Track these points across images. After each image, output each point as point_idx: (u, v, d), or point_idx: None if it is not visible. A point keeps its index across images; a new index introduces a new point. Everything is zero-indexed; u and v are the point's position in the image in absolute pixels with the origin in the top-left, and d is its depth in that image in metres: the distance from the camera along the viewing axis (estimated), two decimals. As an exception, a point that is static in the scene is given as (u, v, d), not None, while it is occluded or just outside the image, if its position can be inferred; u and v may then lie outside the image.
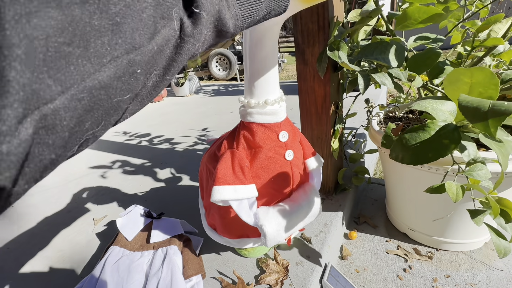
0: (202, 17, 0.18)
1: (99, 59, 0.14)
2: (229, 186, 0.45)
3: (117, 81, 0.15)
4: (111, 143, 1.78)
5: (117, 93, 0.15)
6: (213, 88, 3.71)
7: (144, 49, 0.16)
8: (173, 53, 0.18)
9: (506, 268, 0.64)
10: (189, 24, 0.18)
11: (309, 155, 0.56)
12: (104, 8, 0.14)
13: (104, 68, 0.14)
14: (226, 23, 0.21)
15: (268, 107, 0.46)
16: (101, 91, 0.14)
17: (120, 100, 0.16)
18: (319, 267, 0.62)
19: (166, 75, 0.18)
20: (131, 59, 0.15)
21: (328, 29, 0.63)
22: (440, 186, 0.40)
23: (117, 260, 0.60)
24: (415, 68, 0.60)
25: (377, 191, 0.98)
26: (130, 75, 0.16)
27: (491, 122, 0.26)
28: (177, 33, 0.18)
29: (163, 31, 0.17)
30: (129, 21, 0.15)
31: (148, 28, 0.16)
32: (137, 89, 0.17)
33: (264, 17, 0.26)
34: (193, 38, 0.19)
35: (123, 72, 0.15)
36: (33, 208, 1.07)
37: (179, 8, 0.17)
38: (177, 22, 0.17)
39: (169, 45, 0.17)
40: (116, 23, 0.14)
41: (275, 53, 0.43)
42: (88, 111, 0.14)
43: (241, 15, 0.22)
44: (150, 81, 0.18)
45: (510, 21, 0.55)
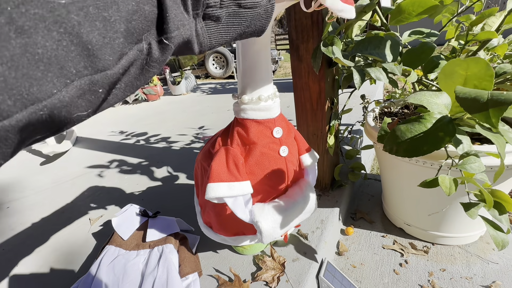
0: (170, 48, 0.19)
1: (63, 81, 0.14)
2: (223, 183, 0.45)
3: (78, 99, 0.16)
4: (107, 143, 1.77)
5: (78, 109, 0.16)
6: (210, 86, 3.69)
7: (109, 72, 0.16)
8: (138, 74, 0.19)
9: (501, 261, 0.64)
10: (157, 51, 0.19)
11: (303, 151, 0.55)
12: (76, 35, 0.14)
13: (67, 88, 0.15)
14: (192, 48, 0.21)
15: (262, 103, 0.45)
16: (62, 109, 0.15)
17: (78, 115, 0.16)
18: (316, 263, 0.62)
19: (127, 91, 0.19)
20: (95, 80, 0.16)
21: (322, 25, 0.62)
22: (433, 180, 0.40)
23: (113, 259, 0.60)
24: (409, 63, 0.59)
25: (374, 187, 0.98)
26: (92, 93, 0.16)
27: (492, 112, 0.26)
28: (144, 56, 0.18)
29: (130, 53, 0.17)
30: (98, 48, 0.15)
31: (116, 53, 0.16)
32: (96, 104, 0.17)
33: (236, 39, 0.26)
34: (159, 63, 0.19)
35: (85, 92, 0.16)
36: (28, 209, 1.06)
37: (150, 33, 0.18)
38: (145, 45, 0.18)
39: (134, 66, 0.18)
40: (86, 49, 0.15)
41: (268, 48, 0.43)
42: (44, 125, 0.15)
43: (209, 42, 0.22)
44: (111, 95, 0.18)
45: (504, 14, 0.54)
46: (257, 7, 0.23)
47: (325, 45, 0.60)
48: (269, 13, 0.25)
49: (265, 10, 0.25)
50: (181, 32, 0.19)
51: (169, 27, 0.18)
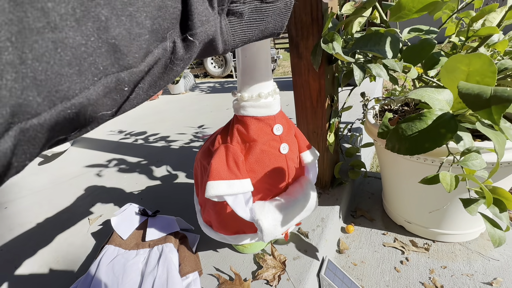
0: (195, 45, 0.19)
1: (91, 78, 0.14)
2: (223, 181, 0.44)
3: (104, 97, 0.15)
4: (106, 142, 1.76)
5: (103, 108, 0.16)
6: (209, 85, 3.68)
7: (135, 69, 0.16)
8: (162, 72, 0.18)
9: (502, 257, 0.64)
10: (181, 49, 0.18)
11: (304, 149, 0.55)
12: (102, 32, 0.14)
13: (94, 86, 0.14)
14: (217, 47, 0.21)
15: (262, 100, 0.45)
16: (88, 107, 0.15)
17: (103, 114, 0.16)
18: (317, 261, 0.62)
19: (150, 90, 0.19)
20: (121, 78, 0.16)
21: (322, 21, 0.62)
22: (434, 177, 0.39)
23: (112, 259, 0.59)
24: (410, 59, 0.59)
25: (374, 185, 0.98)
26: (118, 91, 0.16)
27: (494, 109, 0.25)
28: (168, 54, 0.18)
29: (155, 51, 0.17)
30: (125, 44, 0.15)
31: (142, 50, 0.16)
32: (120, 103, 0.17)
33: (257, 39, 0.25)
34: (183, 62, 0.19)
35: (111, 89, 0.15)
36: (26, 210, 1.05)
37: (175, 31, 0.18)
38: (170, 44, 0.18)
39: (159, 65, 0.18)
40: (113, 45, 0.14)
41: (267, 45, 0.42)
42: (70, 124, 0.15)
43: (233, 40, 0.22)
44: (134, 95, 0.18)
45: (505, 10, 0.54)
46: (278, 1, 0.23)
47: (325, 42, 0.60)
48: (288, 7, 0.25)
49: (285, 4, 0.25)
50: (206, 29, 0.19)
51: (194, 23, 0.18)
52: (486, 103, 0.26)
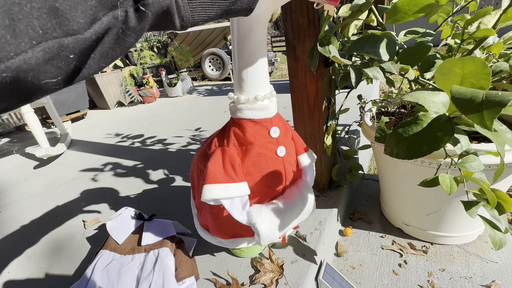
0: (148, 16, 0.18)
1: (29, 41, 0.13)
2: (220, 184, 0.44)
3: (46, 64, 0.15)
4: (103, 145, 1.75)
5: (46, 75, 0.15)
6: (206, 88, 3.68)
7: (80, 36, 0.15)
8: (113, 43, 0.18)
9: (500, 260, 0.64)
10: (134, 19, 0.18)
11: (301, 151, 0.55)
12: None
13: (33, 49, 0.14)
14: (173, 22, 0.20)
15: (259, 102, 0.44)
16: (28, 72, 0.14)
17: (47, 82, 0.15)
18: (315, 265, 0.61)
19: (102, 61, 0.18)
20: (64, 44, 0.15)
21: (319, 24, 0.62)
22: (433, 179, 0.39)
23: (107, 264, 0.58)
24: (406, 62, 0.59)
25: (372, 187, 0.98)
26: (62, 59, 0.15)
27: (486, 114, 0.25)
28: (119, 24, 0.17)
29: (104, 19, 0.16)
30: (68, 7, 0.14)
31: (88, 16, 0.15)
32: (67, 72, 0.16)
33: (221, 17, 0.24)
34: (135, 33, 0.18)
35: (53, 56, 0.15)
36: (20, 214, 1.04)
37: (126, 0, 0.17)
38: (121, 12, 0.17)
39: (109, 35, 0.17)
40: (53, 7, 0.14)
41: (264, 46, 0.42)
42: (10, 90, 0.14)
43: (191, 17, 0.22)
44: (85, 65, 0.17)
45: (499, 13, 0.54)
46: None
47: (322, 45, 0.60)
48: None
49: None
50: (159, 0, 0.18)
51: None
52: (478, 107, 0.26)
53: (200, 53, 5.00)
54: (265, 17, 0.38)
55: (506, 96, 0.24)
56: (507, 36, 0.67)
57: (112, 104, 2.98)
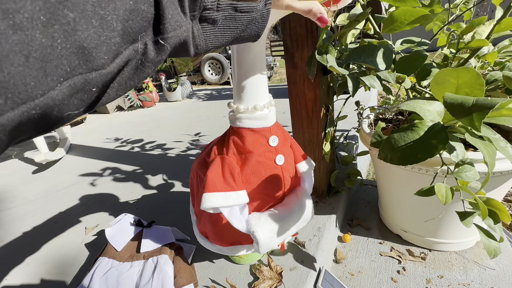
0: (166, 49, 0.19)
1: (57, 79, 0.14)
2: (219, 193, 0.44)
3: (71, 98, 0.15)
4: (102, 150, 1.75)
5: (69, 108, 0.16)
6: (206, 92, 3.70)
7: (103, 71, 0.16)
8: (132, 73, 0.18)
9: (498, 267, 0.64)
10: (153, 51, 0.18)
11: (300, 159, 0.55)
12: (71, 32, 0.14)
13: (61, 86, 0.14)
14: (188, 50, 0.21)
15: (257, 112, 0.45)
16: (54, 107, 0.14)
17: (70, 113, 0.16)
18: (314, 272, 0.62)
19: (120, 91, 0.19)
20: (89, 79, 0.15)
21: (317, 33, 0.63)
22: (429, 189, 0.40)
23: (106, 271, 0.58)
24: (402, 71, 0.60)
25: (370, 193, 0.98)
26: (85, 92, 0.16)
27: (476, 116, 0.26)
28: (139, 56, 0.18)
29: (125, 52, 0.17)
30: (94, 46, 0.15)
31: (111, 52, 0.16)
32: (88, 103, 0.17)
33: (232, 43, 0.25)
34: (153, 64, 0.19)
35: (78, 90, 0.15)
36: (19, 220, 1.03)
37: (146, 34, 0.18)
38: (141, 45, 0.18)
39: (129, 66, 0.18)
40: (81, 47, 0.14)
41: (262, 57, 0.43)
42: (35, 123, 0.14)
43: (205, 45, 0.22)
44: (104, 95, 0.18)
45: (493, 23, 0.56)
46: (253, 11, 0.23)
47: (320, 53, 0.61)
48: (264, 18, 0.25)
49: (261, 15, 0.25)
50: (178, 33, 0.19)
51: (166, 28, 0.18)
52: (468, 110, 0.27)
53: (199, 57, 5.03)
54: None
55: (494, 100, 0.25)
56: (502, 45, 0.68)
57: (111, 108, 2.99)
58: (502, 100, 0.26)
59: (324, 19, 0.30)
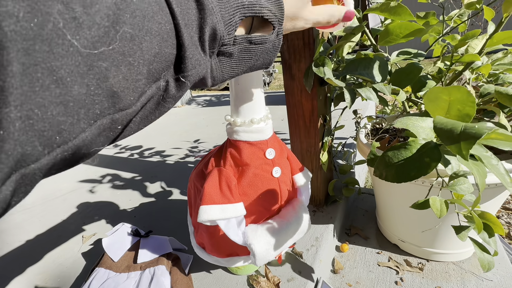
0: (186, 85, 0.20)
1: (88, 122, 0.15)
2: (216, 205, 0.44)
3: (98, 137, 0.16)
4: (100, 156, 1.75)
5: (96, 145, 0.16)
6: (205, 98, 3.71)
7: (129, 110, 0.17)
8: (154, 109, 0.19)
9: (495, 278, 0.64)
10: (174, 88, 0.19)
11: (296, 171, 0.56)
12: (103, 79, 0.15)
13: (91, 127, 0.15)
14: (206, 82, 0.22)
15: (254, 125, 0.46)
16: (83, 148, 0.15)
17: (96, 149, 0.17)
18: (311, 283, 0.61)
19: (141, 124, 0.19)
20: (115, 118, 0.16)
21: (314, 45, 0.64)
22: (424, 202, 0.40)
23: (102, 282, 0.58)
24: (398, 83, 0.61)
25: (368, 202, 0.98)
26: (111, 130, 0.17)
27: (463, 145, 0.26)
28: (161, 92, 0.19)
29: (149, 91, 0.18)
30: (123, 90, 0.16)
31: (138, 92, 0.17)
32: (112, 139, 0.18)
33: (246, 72, 0.27)
34: (174, 99, 0.20)
35: (105, 129, 0.16)
36: (15, 228, 1.03)
37: (168, 72, 0.18)
38: (163, 83, 0.18)
39: (152, 102, 0.18)
40: (111, 91, 0.15)
41: (259, 73, 0.44)
42: (66, 162, 0.15)
43: (221, 76, 0.23)
44: (126, 130, 0.18)
45: (485, 38, 0.57)
46: (266, 42, 0.24)
47: (317, 66, 0.62)
48: (276, 47, 0.26)
49: (273, 45, 0.26)
50: (198, 71, 0.20)
51: (187, 67, 0.19)
52: (456, 138, 0.27)
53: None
54: None
55: (481, 130, 0.26)
56: (495, 57, 0.69)
57: (111, 114, 2.99)
58: (489, 130, 0.27)
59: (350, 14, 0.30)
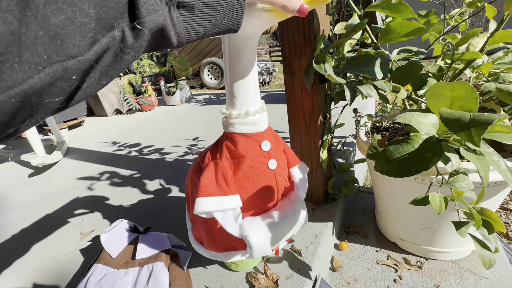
0: (144, 33, 0.19)
1: (34, 67, 0.14)
2: (212, 197, 0.44)
3: (50, 86, 0.15)
4: (99, 154, 1.74)
5: (49, 96, 0.16)
6: (205, 97, 3.71)
7: (82, 58, 0.16)
8: (112, 61, 0.18)
9: (494, 276, 0.64)
10: (131, 37, 0.19)
11: (293, 164, 0.56)
12: (43, 20, 0.14)
13: (39, 74, 0.14)
14: (169, 38, 0.21)
15: (250, 117, 0.46)
16: (33, 95, 0.15)
17: (51, 101, 0.16)
18: (310, 281, 0.61)
19: (102, 79, 0.19)
20: (67, 67, 0.16)
21: (314, 42, 0.64)
22: (424, 198, 0.40)
23: (100, 279, 0.58)
24: (399, 80, 0.61)
25: (367, 200, 0.98)
26: (65, 80, 0.16)
27: (474, 131, 0.26)
28: (117, 43, 0.18)
29: (103, 40, 0.17)
30: (69, 32, 0.15)
31: (88, 38, 0.16)
32: (70, 91, 0.17)
33: (212, 35, 0.26)
34: (134, 50, 0.19)
35: (57, 78, 0.15)
36: (13, 224, 1.02)
37: (122, 20, 0.18)
38: (118, 32, 0.18)
39: (108, 54, 0.18)
40: (56, 33, 0.14)
41: (254, 64, 0.44)
42: (15, 112, 0.15)
43: (186, 33, 0.23)
44: (86, 83, 0.18)
45: (487, 36, 0.57)
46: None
47: (317, 63, 0.61)
48: (241, 3, 0.26)
49: (237, 1, 0.25)
50: (154, 18, 0.19)
51: (141, 12, 0.18)
52: (466, 126, 0.27)
53: (199, 62, 5.06)
54: (253, 39, 0.41)
55: (491, 116, 0.26)
56: (496, 56, 0.69)
57: (110, 111, 2.98)
58: (499, 116, 0.27)
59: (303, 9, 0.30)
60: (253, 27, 0.37)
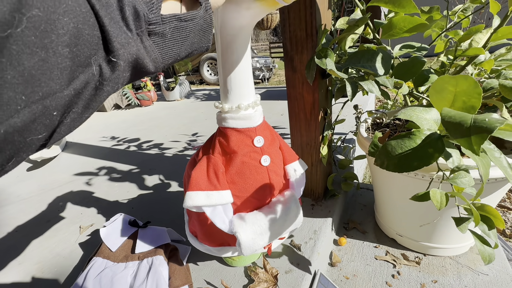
0: (119, 65, 0.20)
1: (13, 107, 0.15)
2: (201, 192, 0.44)
3: (32, 124, 0.16)
4: (98, 148, 1.73)
5: (32, 133, 0.16)
6: (204, 92, 3.69)
7: (60, 94, 0.17)
8: (93, 94, 0.19)
9: (491, 272, 0.65)
10: (108, 70, 0.20)
11: (289, 161, 0.55)
12: (17, 63, 0.14)
13: (18, 114, 0.15)
14: (146, 66, 0.22)
15: (242, 112, 0.45)
16: (14, 134, 0.15)
17: (34, 138, 0.17)
18: (309, 275, 0.62)
19: (85, 113, 0.20)
20: (47, 104, 0.16)
21: (316, 37, 0.63)
22: (425, 194, 0.40)
23: (100, 272, 0.58)
24: (401, 76, 0.61)
25: (366, 197, 0.98)
26: (46, 117, 0.16)
27: (474, 140, 0.26)
28: (96, 77, 0.19)
29: (81, 76, 0.18)
30: (44, 72, 0.16)
31: (65, 76, 0.17)
32: (53, 127, 0.18)
33: (187, 56, 0.27)
34: (112, 81, 0.20)
35: (38, 116, 0.16)
36: (12, 218, 1.02)
37: (98, 56, 0.19)
38: (96, 68, 0.19)
39: (88, 88, 0.19)
40: (31, 75, 0.15)
41: (247, 57, 0.43)
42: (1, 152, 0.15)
43: (161, 58, 0.24)
44: (69, 118, 0.19)
45: (490, 31, 0.56)
46: (196, 18, 0.25)
47: (319, 57, 0.61)
48: (208, 24, 0.27)
49: (205, 21, 0.26)
50: (128, 50, 0.20)
51: (114, 46, 0.19)
52: (466, 132, 0.27)
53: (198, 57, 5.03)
54: (245, 31, 0.40)
55: (493, 123, 0.25)
56: (498, 53, 0.69)
57: (109, 106, 2.97)
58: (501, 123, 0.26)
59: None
60: (244, 18, 0.36)
